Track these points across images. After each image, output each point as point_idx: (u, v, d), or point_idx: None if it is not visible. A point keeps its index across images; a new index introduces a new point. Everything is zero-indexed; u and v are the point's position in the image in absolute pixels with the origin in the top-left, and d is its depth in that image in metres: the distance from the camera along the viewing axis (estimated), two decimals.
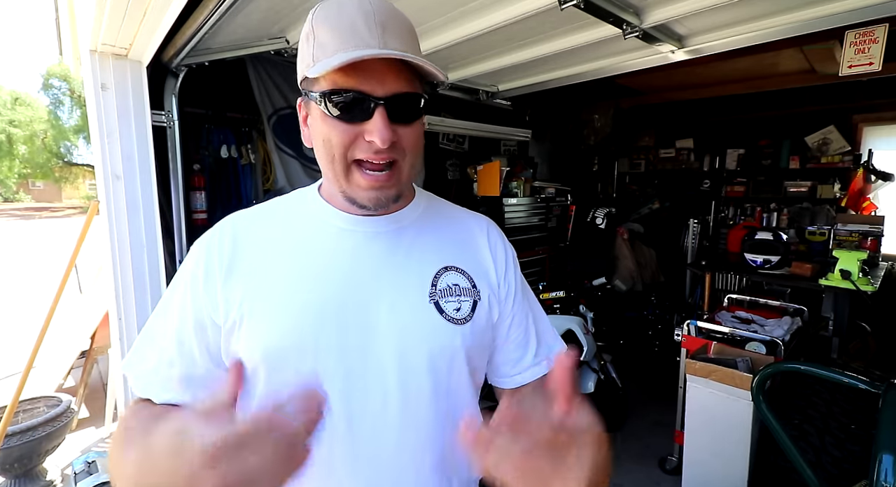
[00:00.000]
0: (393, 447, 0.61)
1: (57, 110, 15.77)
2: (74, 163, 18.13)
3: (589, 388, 2.54)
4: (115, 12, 1.31)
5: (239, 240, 0.63)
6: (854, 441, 1.70)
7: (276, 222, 0.67)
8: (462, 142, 3.61)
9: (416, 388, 0.62)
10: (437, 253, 0.67)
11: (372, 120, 0.55)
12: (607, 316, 3.61)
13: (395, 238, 0.66)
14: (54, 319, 2.29)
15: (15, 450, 2.16)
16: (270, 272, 0.62)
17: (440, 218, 0.72)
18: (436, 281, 0.65)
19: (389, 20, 0.56)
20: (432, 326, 0.63)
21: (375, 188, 0.59)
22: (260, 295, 0.60)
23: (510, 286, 0.72)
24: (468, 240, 0.72)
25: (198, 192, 2.09)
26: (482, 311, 0.67)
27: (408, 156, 0.60)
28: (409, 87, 0.57)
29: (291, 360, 0.59)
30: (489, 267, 0.71)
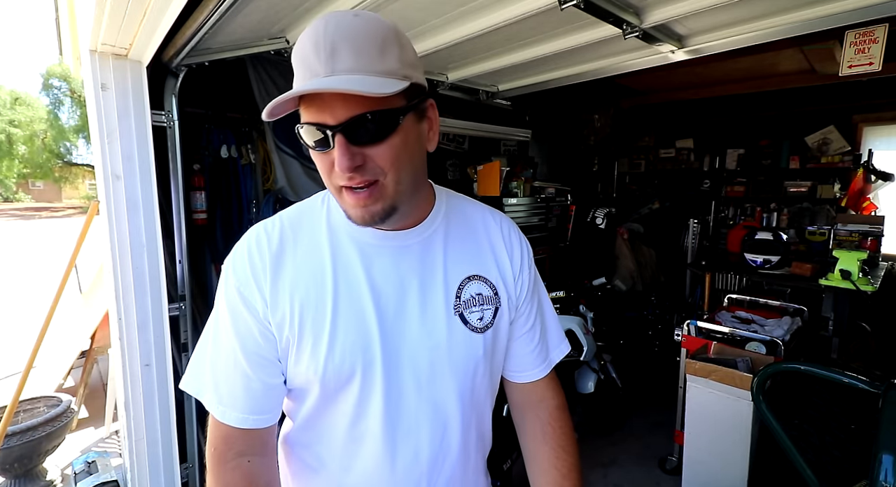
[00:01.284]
0: (426, 444, 0.67)
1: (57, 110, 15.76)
2: (74, 163, 18.12)
3: (589, 388, 2.54)
4: (115, 12, 1.31)
5: (274, 255, 0.65)
6: (854, 441, 1.70)
7: (305, 235, 0.67)
8: (462, 142, 3.61)
9: (444, 393, 0.68)
10: (461, 263, 0.70)
11: (334, 149, 0.56)
12: (607, 316, 3.60)
13: (421, 250, 0.68)
14: (54, 319, 2.29)
15: (15, 450, 2.17)
16: (312, 286, 0.64)
17: (461, 221, 0.74)
18: (460, 293, 0.69)
19: (340, 38, 0.53)
20: (459, 338, 0.67)
21: (360, 206, 0.59)
22: (307, 313, 0.63)
23: (524, 284, 0.76)
24: (488, 243, 0.74)
25: (198, 192, 2.09)
26: (503, 316, 0.72)
27: (388, 173, 0.58)
28: (364, 108, 0.54)
29: (344, 376, 0.64)
30: (507, 270, 0.74)
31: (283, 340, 0.64)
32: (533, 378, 0.79)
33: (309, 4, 1.60)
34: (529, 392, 0.81)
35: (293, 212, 0.70)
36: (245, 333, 0.64)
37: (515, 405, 0.83)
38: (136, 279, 1.72)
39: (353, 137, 0.55)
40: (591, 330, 2.62)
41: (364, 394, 0.64)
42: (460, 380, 0.68)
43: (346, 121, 0.54)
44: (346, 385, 0.64)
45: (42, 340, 2.23)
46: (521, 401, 0.82)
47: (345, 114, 0.54)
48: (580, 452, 0.79)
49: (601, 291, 2.78)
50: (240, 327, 0.64)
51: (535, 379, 0.79)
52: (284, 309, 0.63)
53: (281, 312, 0.63)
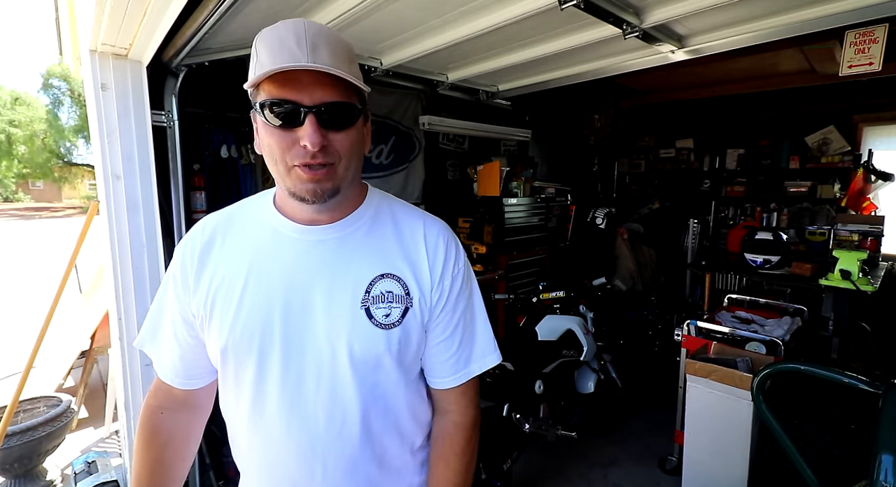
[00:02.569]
0: (323, 430, 0.70)
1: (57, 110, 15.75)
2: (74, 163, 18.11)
3: (589, 388, 2.54)
4: (115, 12, 1.31)
5: (206, 243, 0.74)
6: (854, 441, 1.70)
7: (238, 226, 0.75)
8: (462, 142, 3.61)
9: (343, 382, 0.70)
10: (375, 261, 0.73)
11: (303, 126, 0.62)
12: (607, 316, 3.60)
13: (337, 246, 0.72)
14: (54, 319, 2.29)
15: (15, 450, 2.16)
16: (228, 274, 0.71)
17: (387, 222, 0.77)
18: (370, 289, 0.71)
19: (321, 41, 0.62)
20: (361, 330, 0.70)
21: (313, 181, 0.64)
22: (219, 296, 0.71)
23: (443, 292, 0.76)
24: (410, 245, 0.76)
25: (198, 192, 2.09)
26: (413, 317, 0.73)
27: (342, 159, 0.66)
28: (337, 97, 0.63)
29: (242, 353, 0.70)
30: (424, 274, 0.75)
31: (199, 317, 0.72)
32: (442, 386, 0.79)
33: (309, 5, 1.60)
34: (439, 399, 0.82)
35: (236, 206, 0.79)
36: (172, 307, 0.75)
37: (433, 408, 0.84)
38: (136, 279, 1.72)
39: (323, 120, 0.63)
40: (591, 330, 2.62)
41: (262, 374, 0.70)
42: (361, 373, 0.70)
43: (321, 104, 0.62)
44: (244, 362, 0.70)
45: (42, 340, 2.23)
46: (434, 407, 0.83)
47: (321, 97, 0.62)
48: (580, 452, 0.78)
49: (601, 291, 2.78)
50: (169, 300, 0.76)
51: (443, 387, 0.79)
52: (203, 291, 0.71)
53: (201, 293, 0.72)
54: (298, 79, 0.61)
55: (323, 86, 0.62)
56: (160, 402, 0.81)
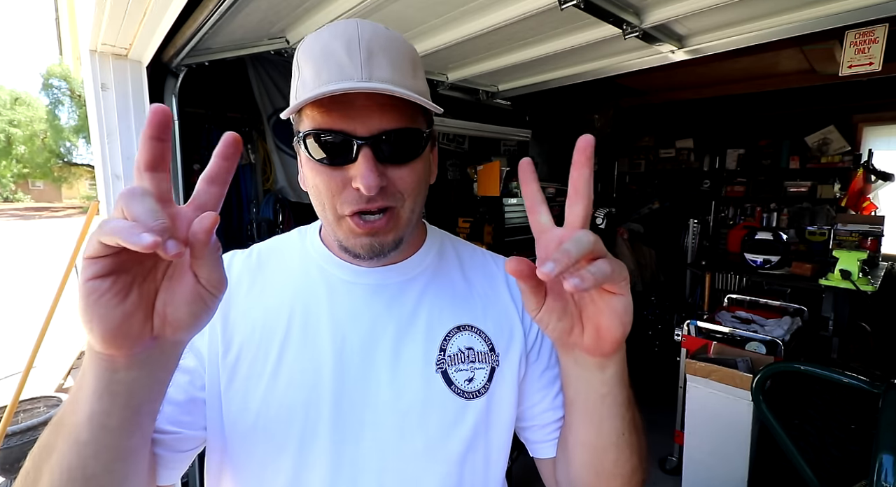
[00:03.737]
0: None
1: (57, 110, 15.77)
2: (74, 163, 18.12)
3: None
4: (115, 12, 1.31)
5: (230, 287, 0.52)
6: (854, 441, 1.70)
7: (272, 267, 0.60)
8: (462, 142, 3.61)
9: (417, 477, 0.53)
10: (449, 311, 0.58)
11: (356, 163, 0.48)
12: None
13: (401, 292, 0.58)
14: (54, 319, 2.29)
15: (15, 450, 2.17)
16: (260, 326, 0.55)
17: (454, 265, 0.63)
18: (445, 345, 0.56)
19: (377, 46, 0.49)
20: (439, 400, 0.54)
21: (370, 234, 0.51)
22: (246, 355, 0.53)
23: (540, 344, 0.61)
24: (489, 290, 0.62)
25: None
26: (502, 380, 0.58)
27: (407, 201, 0.52)
28: (399, 123, 0.49)
29: (277, 435, 0.52)
30: (515, 324, 0.60)
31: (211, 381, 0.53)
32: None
33: (309, 4, 1.60)
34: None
35: (267, 245, 0.63)
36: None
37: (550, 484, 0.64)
38: None
39: (381, 153, 0.49)
40: None
41: (301, 467, 0.51)
42: (439, 463, 0.53)
43: (379, 133, 0.48)
44: (278, 448, 0.52)
45: (42, 340, 2.23)
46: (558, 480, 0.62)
47: (381, 124, 0.48)
48: None
49: None
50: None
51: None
52: (220, 348, 0.54)
53: (218, 350, 0.54)
54: (350, 101, 0.48)
55: (382, 110, 0.48)
56: None
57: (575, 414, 0.54)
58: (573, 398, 0.53)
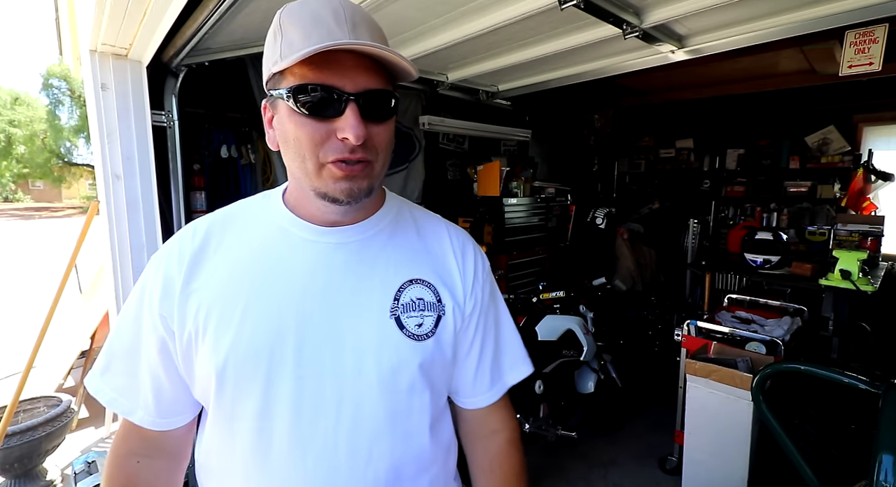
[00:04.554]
0: (345, 467, 0.58)
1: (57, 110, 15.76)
2: (74, 163, 18.11)
3: (589, 388, 2.54)
4: (115, 12, 1.31)
5: (199, 247, 0.62)
6: (854, 441, 1.70)
7: (238, 228, 0.65)
8: (462, 142, 3.61)
9: (370, 409, 0.59)
10: (403, 265, 0.65)
11: (343, 116, 0.54)
12: (607, 316, 3.60)
13: (360, 249, 0.64)
14: (54, 319, 2.29)
15: (15, 450, 2.16)
16: (226, 281, 0.60)
17: (410, 226, 0.70)
18: (399, 295, 0.63)
19: (359, 19, 0.55)
20: (392, 342, 0.61)
21: (349, 179, 0.56)
22: (215, 307, 0.59)
23: (476, 301, 0.70)
24: (437, 250, 0.70)
25: (198, 192, 2.09)
26: (446, 327, 0.66)
27: (380, 155, 0.59)
28: (380, 84, 0.56)
29: (245, 375, 0.58)
30: (456, 280, 0.69)
31: (185, 336, 0.59)
32: (482, 403, 0.73)
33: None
34: (479, 422, 0.74)
35: (233, 207, 0.68)
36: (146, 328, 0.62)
37: (465, 434, 0.76)
38: (137, 279, 1.72)
39: (366, 110, 0.55)
40: (591, 330, 2.62)
41: (269, 401, 0.57)
42: (390, 395, 0.60)
43: (366, 91, 0.54)
44: (247, 387, 0.58)
45: (42, 340, 2.23)
46: (471, 431, 0.75)
47: (367, 83, 0.54)
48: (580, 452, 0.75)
49: (601, 291, 2.78)
50: (143, 320, 0.62)
51: (483, 405, 0.73)
52: (195, 303, 0.59)
53: (192, 306, 0.59)
54: (340, 61, 0.53)
55: (367, 71, 0.54)
56: (133, 448, 0.65)
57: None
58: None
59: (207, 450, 0.64)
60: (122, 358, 0.64)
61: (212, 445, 0.63)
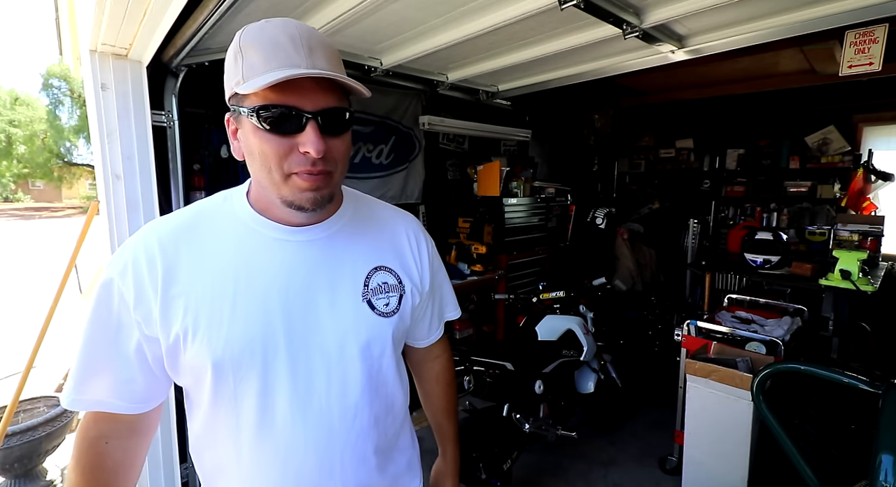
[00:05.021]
0: (338, 424, 0.70)
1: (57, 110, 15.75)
2: (74, 163, 18.10)
3: (589, 388, 2.54)
4: (115, 12, 1.31)
5: (169, 256, 0.65)
6: (854, 441, 1.70)
7: (205, 232, 0.69)
8: (462, 142, 3.61)
9: (352, 375, 0.71)
10: (367, 255, 0.76)
11: (304, 132, 0.60)
12: (607, 316, 3.60)
13: (328, 245, 0.72)
14: (54, 319, 2.29)
15: (15, 450, 2.16)
16: (208, 285, 0.65)
17: (367, 219, 0.80)
18: (367, 281, 0.74)
19: (315, 43, 0.61)
20: (367, 321, 0.72)
21: (313, 189, 0.63)
22: (203, 309, 0.64)
23: (426, 276, 0.84)
24: (393, 238, 0.81)
25: (198, 192, 2.09)
26: (407, 303, 0.79)
27: (339, 165, 0.66)
28: (336, 102, 0.63)
29: (244, 365, 0.65)
30: (411, 262, 0.81)
31: (172, 336, 0.64)
32: (429, 341, 0.94)
33: (309, 4, 1.60)
34: (426, 351, 0.97)
35: (191, 210, 0.72)
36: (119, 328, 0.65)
37: (414, 361, 0.99)
38: None
39: (324, 126, 0.62)
40: (591, 330, 2.62)
41: (268, 383, 0.66)
42: (368, 362, 0.72)
43: (323, 109, 0.61)
44: (246, 374, 0.66)
45: (42, 340, 2.23)
46: (420, 359, 0.99)
47: (324, 102, 0.61)
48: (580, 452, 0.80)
49: (601, 291, 2.78)
50: (115, 324, 0.65)
51: (430, 342, 0.95)
52: (179, 308, 0.64)
53: (176, 311, 0.64)
54: (299, 84, 0.60)
55: (324, 92, 0.61)
56: (102, 431, 0.69)
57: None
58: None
59: (205, 427, 0.71)
60: (96, 357, 0.66)
61: (212, 421, 0.70)
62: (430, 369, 0.99)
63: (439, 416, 1.00)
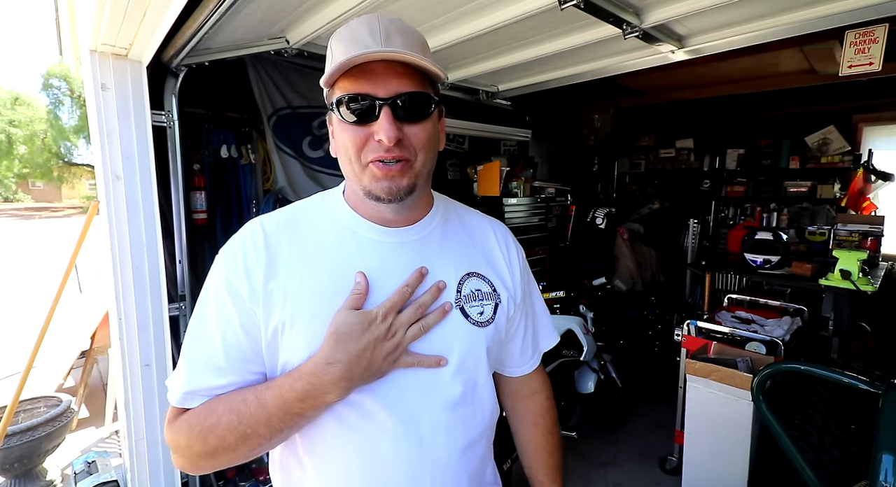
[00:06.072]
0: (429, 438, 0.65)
1: (57, 110, 15.75)
2: (74, 163, 18.11)
3: (589, 388, 2.54)
4: (115, 12, 1.31)
5: (271, 248, 0.65)
6: (854, 441, 1.70)
7: (305, 228, 0.69)
8: (462, 142, 3.61)
9: (445, 388, 0.67)
10: (459, 260, 0.72)
11: (378, 121, 0.60)
12: (607, 316, 3.60)
13: (420, 248, 0.70)
14: (54, 319, 2.29)
15: (15, 450, 2.17)
16: (306, 280, 0.64)
17: (458, 223, 0.77)
18: (460, 287, 0.70)
19: (395, 30, 0.61)
20: (462, 331, 0.68)
21: (388, 178, 0.62)
22: (300, 303, 0.63)
23: (518, 286, 0.77)
24: (485, 245, 0.77)
25: (198, 192, 2.09)
26: (502, 313, 0.73)
27: (419, 154, 0.63)
28: (412, 87, 0.61)
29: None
30: (504, 271, 0.76)
31: (271, 328, 0.62)
32: (525, 371, 0.84)
33: (309, 4, 1.59)
34: (522, 385, 0.87)
35: (292, 208, 0.72)
36: (225, 325, 0.63)
37: (508, 396, 0.88)
38: (136, 279, 1.72)
39: (399, 112, 0.60)
40: (591, 330, 2.62)
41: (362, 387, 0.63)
42: (463, 375, 0.68)
43: (397, 95, 0.60)
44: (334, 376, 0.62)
45: (42, 340, 2.23)
46: (514, 393, 0.88)
47: (396, 88, 0.60)
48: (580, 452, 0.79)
49: (601, 291, 2.78)
50: (221, 319, 0.63)
51: (527, 371, 0.85)
52: (278, 299, 0.63)
53: (275, 302, 0.62)
54: (372, 70, 0.59)
55: (398, 77, 0.60)
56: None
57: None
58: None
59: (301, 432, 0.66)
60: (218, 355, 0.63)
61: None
62: (525, 408, 0.87)
63: (539, 471, 0.86)
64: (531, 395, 0.87)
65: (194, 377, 0.62)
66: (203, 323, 0.64)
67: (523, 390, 0.87)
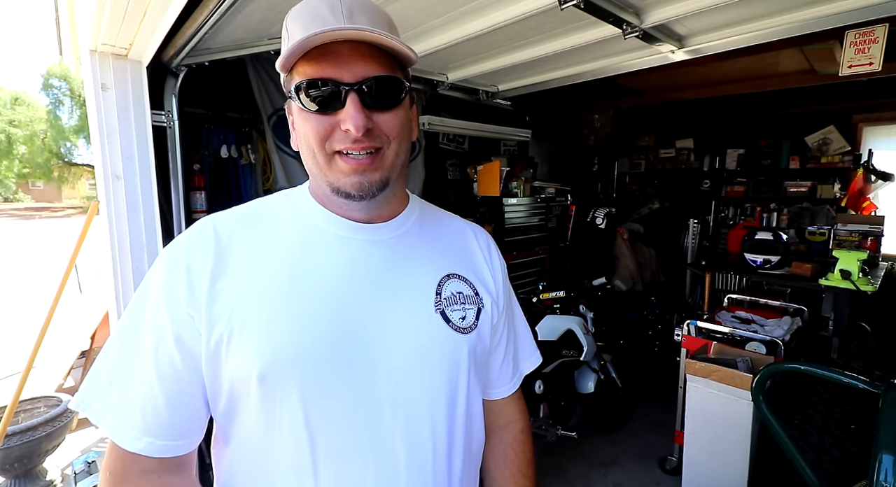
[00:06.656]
0: (403, 464, 0.57)
1: (57, 110, 15.75)
2: (74, 163, 18.11)
3: (589, 388, 2.54)
4: (115, 12, 1.31)
5: (223, 245, 0.57)
6: (854, 441, 1.70)
7: (264, 225, 0.61)
8: (462, 142, 3.60)
9: (423, 404, 0.59)
10: (438, 261, 0.65)
11: (345, 108, 0.53)
12: (607, 316, 3.60)
13: (395, 246, 0.63)
14: (54, 319, 2.29)
15: (15, 450, 2.16)
16: (261, 281, 0.56)
17: (436, 224, 0.70)
18: (440, 290, 0.63)
19: (358, 8, 0.54)
20: (442, 337, 0.61)
21: (358, 172, 0.55)
22: (252, 307, 0.54)
23: (501, 292, 0.71)
24: (465, 247, 0.70)
25: (198, 192, 2.09)
26: (485, 319, 0.66)
27: (392, 143, 0.57)
28: (381, 70, 0.54)
29: (293, 376, 0.53)
30: (487, 275, 0.70)
31: (213, 340, 0.53)
32: (504, 394, 0.75)
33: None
34: (497, 412, 0.76)
35: (252, 204, 0.65)
36: (159, 332, 0.54)
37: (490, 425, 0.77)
38: (136, 279, 1.72)
39: (366, 99, 0.54)
40: (591, 330, 2.62)
41: (320, 403, 0.54)
42: (440, 389, 0.60)
43: (364, 79, 0.53)
44: (293, 390, 0.54)
45: (42, 340, 2.23)
46: (489, 422, 0.74)
47: (363, 72, 0.53)
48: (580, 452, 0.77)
49: (601, 291, 2.78)
50: (157, 323, 0.54)
51: (505, 395, 0.75)
52: (225, 303, 0.54)
53: (221, 306, 0.54)
54: (336, 51, 0.52)
55: (364, 59, 0.53)
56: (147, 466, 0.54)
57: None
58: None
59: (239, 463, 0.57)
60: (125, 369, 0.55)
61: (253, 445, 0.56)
62: (498, 439, 0.75)
63: None
64: (505, 425, 0.76)
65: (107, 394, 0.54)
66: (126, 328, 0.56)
67: (498, 418, 0.76)
